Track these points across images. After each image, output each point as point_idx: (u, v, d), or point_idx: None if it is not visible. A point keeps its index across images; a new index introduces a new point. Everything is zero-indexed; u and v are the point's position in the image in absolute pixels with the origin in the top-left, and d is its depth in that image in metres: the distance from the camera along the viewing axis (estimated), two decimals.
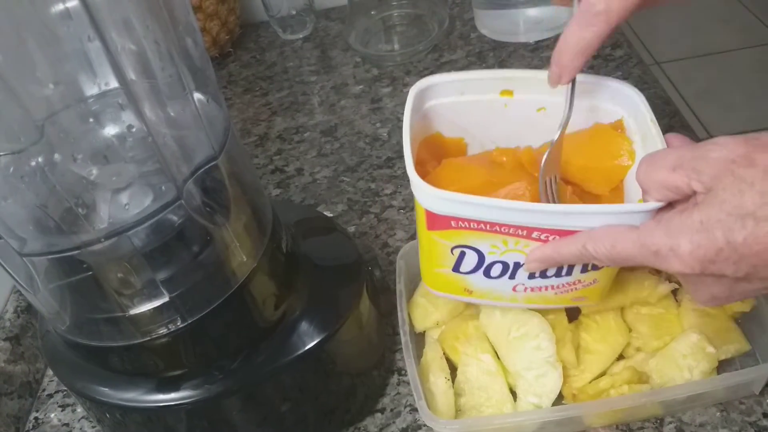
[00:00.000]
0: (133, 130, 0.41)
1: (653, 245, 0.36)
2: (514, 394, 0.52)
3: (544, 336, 0.51)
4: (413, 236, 0.68)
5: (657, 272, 0.56)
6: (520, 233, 0.42)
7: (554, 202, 0.46)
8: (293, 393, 0.49)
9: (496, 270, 0.46)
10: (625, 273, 0.54)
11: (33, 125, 0.37)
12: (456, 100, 0.49)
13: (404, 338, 0.53)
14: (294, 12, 1.03)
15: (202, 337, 0.45)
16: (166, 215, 0.41)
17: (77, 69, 0.40)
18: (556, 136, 0.46)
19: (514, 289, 0.47)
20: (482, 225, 0.42)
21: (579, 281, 0.46)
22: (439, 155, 0.51)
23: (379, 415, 0.56)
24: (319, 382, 0.50)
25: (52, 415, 0.63)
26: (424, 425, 0.55)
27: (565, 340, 0.52)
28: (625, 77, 0.84)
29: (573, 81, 0.44)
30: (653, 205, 0.38)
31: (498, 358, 0.53)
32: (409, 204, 0.74)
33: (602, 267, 0.45)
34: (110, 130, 0.43)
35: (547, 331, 0.51)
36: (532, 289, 0.47)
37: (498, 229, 0.42)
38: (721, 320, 0.53)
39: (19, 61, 0.36)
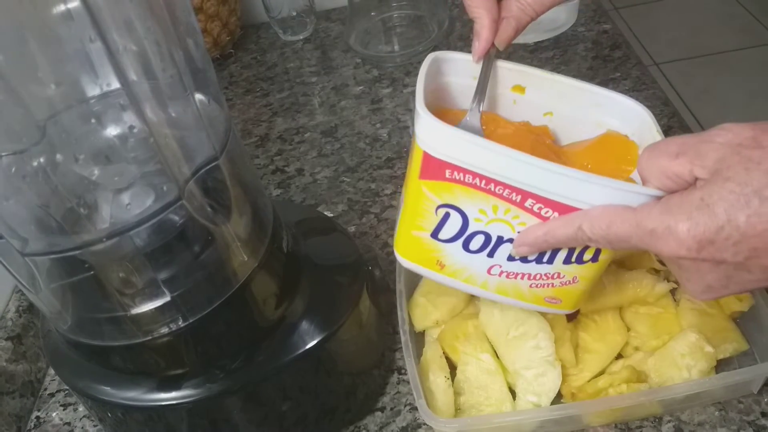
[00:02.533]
0: (135, 130, 0.42)
1: (650, 223, 0.34)
2: (513, 393, 0.53)
3: (543, 335, 0.51)
4: None
5: (656, 271, 0.56)
6: (514, 198, 0.40)
7: None
8: (294, 392, 0.49)
9: (477, 242, 0.44)
10: (624, 272, 0.55)
11: (35, 125, 0.37)
12: (468, 84, 0.47)
13: (404, 337, 0.53)
14: (294, 13, 1.03)
15: (203, 337, 0.45)
16: (167, 215, 0.41)
17: (79, 70, 0.40)
18: (470, 107, 0.45)
19: (489, 271, 0.45)
20: (477, 179, 0.40)
21: (558, 274, 0.44)
22: None
23: (379, 413, 0.56)
24: (319, 381, 0.50)
25: (54, 414, 0.63)
26: (424, 424, 0.55)
27: (564, 339, 0.53)
28: (623, 78, 0.85)
29: (490, 58, 0.44)
30: (656, 192, 0.37)
31: (497, 357, 0.54)
32: None
33: (587, 263, 0.43)
34: (112, 131, 0.43)
35: (546, 330, 0.51)
36: (508, 275, 0.45)
37: (492, 189, 0.40)
38: (719, 319, 0.54)
39: (21, 61, 0.36)
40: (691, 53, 2.23)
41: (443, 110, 0.49)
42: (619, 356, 0.54)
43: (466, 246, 0.44)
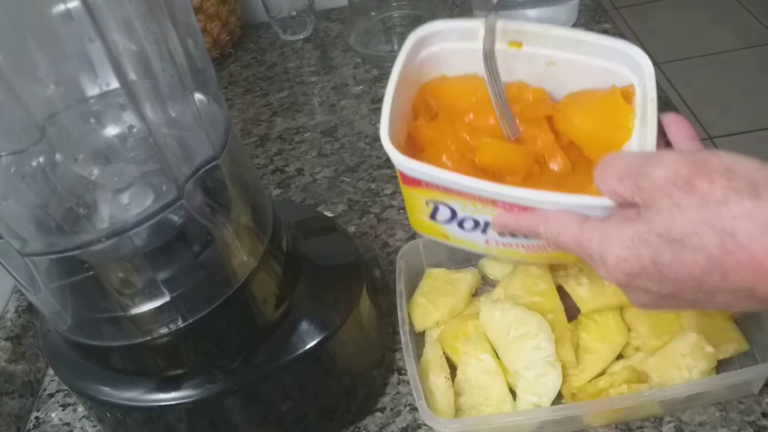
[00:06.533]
0: (134, 130, 0.42)
1: (587, 248, 0.38)
2: (513, 393, 0.53)
3: (544, 335, 0.51)
4: (413, 236, 0.68)
5: None
6: (485, 200, 0.43)
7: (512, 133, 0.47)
8: (293, 392, 0.49)
9: (469, 224, 0.47)
10: None
11: (34, 125, 0.37)
12: (460, 47, 0.48)
13: (404, 338, 0.53)
14: (294, 13, 1.03)
15: (202, 337, 0.45)
16: (166, 215, 0.41)
17: (78, 69, 0.40)
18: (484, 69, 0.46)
19: (486, 242, 0.48)
20: (448, 188, 0.44)
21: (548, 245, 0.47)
22: (443, 97, 0.50)
23: (379, 414, 0.56)
24: (319, 382, 0.50)
25: (53, 415, 0.63)
26: (424, 424, 0.55)
27: (565, 340, 0.52)
28: None
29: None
30: (604, 202, 0.38)
31: (497, 357, 0.53)
32: None
33: None
34: (111, 131, 0.43)
35: (547, 330, 0.51)
36: (504, 245, 0.48)
37: (465, 194, 0.43)
38: (719, 320, 0.54)
39: (21, 61, 0.36)
40: (691, 53, 2.23)
41: (440, 78, 0.51)
42: (619, 356, 0.54)
43: (460, 226, 0.48)
